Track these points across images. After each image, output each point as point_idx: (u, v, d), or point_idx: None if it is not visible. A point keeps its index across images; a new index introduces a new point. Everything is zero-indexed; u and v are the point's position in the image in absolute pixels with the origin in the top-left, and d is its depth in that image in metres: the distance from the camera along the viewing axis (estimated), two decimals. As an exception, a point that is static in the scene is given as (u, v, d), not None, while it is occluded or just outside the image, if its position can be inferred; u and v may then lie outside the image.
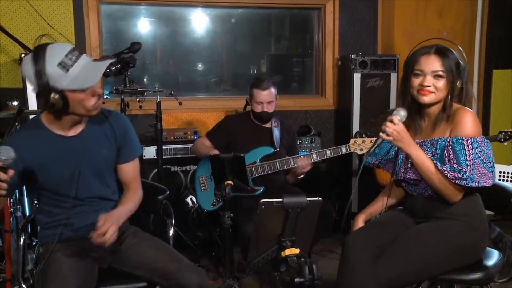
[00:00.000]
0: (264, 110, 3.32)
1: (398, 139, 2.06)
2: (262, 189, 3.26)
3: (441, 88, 2.10)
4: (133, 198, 2.23)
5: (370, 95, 4.15)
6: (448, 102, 2.12)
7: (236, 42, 4.71)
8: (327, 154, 3.29)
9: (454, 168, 2.02)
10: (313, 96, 4.74)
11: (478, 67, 4.86)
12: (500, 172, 3.09)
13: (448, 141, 2.07)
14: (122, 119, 2.27)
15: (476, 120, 2.08)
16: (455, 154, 2.04)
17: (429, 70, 2.10)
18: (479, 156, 2.02)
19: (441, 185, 2.06)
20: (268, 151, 3.34)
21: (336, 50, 4.55)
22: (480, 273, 2.11)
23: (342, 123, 4.43)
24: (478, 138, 2.04)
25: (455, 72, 2.10)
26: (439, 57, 2.10)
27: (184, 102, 3.68)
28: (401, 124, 2.07)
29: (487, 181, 2.04)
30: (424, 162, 2.07)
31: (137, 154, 2.30)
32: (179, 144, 3.84)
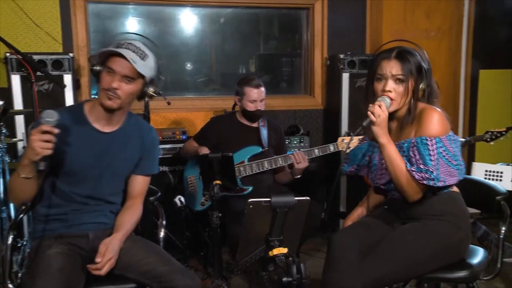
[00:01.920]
0: (258, 108, 3.33)
1: (381, 124, 2.07)
2: (251, 189, 3.27)
3: (401, 94, 2.11)
4: (133, 220, 2.23)
5: (359, 95, 4.17)
6: (412, 104, 2.14)
7: (225, 42, 4.71)
8: (315, 153, 3.31)
9: (420, 169, 2.04)
10: (301, 96, 4.76)
11: (465, 67, 4.90)
12: (486, 171, 3.12)
13: (413, 142, 2.09)
14: (154, 134, 2.33)
15: (442, 118, 2.07)
16: (420, 154, 2.05)
17: (390, 74, 2.11)
18: (443, 155, 2.04)
19: (409, 185, 2.08)
20: (256, 150, 3.35)
21: (324, 50, 4.57)
22: (466, 271, 2.14)
23: (331, 123, 4.45)
24: (442, 137, 2.05)
25: (416, 75, 2.11)
26: (399, 61, 2.10)
27: (172, 102, 3.67)
28: (387, 112, 2.09)
29: (453, 179, 2.07)
30: (395, 159, 2.09)
31: (153, 171, 2.35)
32: (167, 144, 3.85)
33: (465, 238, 2.17)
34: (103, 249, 2.02)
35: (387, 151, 2.09)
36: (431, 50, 4.71)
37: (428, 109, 2.10)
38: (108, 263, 2.00)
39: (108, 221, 2.23)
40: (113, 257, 2.02)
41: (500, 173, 3.07)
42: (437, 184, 2.03)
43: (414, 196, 2.10)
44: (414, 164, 2.07)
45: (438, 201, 2.15)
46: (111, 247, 2.04)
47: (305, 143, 4.21)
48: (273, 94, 4.59)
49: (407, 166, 2.07)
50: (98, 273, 1.99)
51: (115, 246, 2.06)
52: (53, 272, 1.92)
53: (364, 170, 2.41)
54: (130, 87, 2.09)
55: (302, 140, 4.21)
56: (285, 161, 3.29)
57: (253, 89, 3.32)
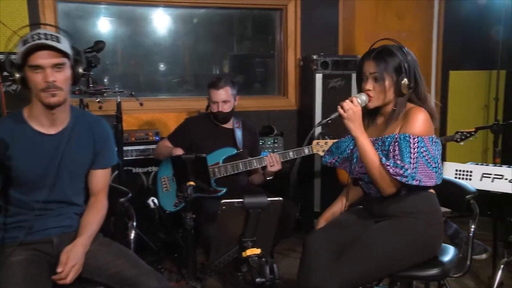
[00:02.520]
0: (219, 109, 3.32)
1: (351, 118, 2.11)
2: (225, 190, 3.27)
3: (379, 91, 2.18)
4: (97, 219, 2.19)
5: (332, 95, 4.21)
6: (398, 100, 2.18)
7: (198, 43, 4.69)
8: (290, 155, 3.33)
9: (396, 164, 2.07)
10: (275, 97, 4.78)
11: (436, 68, 4.98)
12: (456, 170, 3.17)
13: (396, 137, 2.13)
14: (104, 125, 2.28)
15: (427, 120, 2.13)
16: (400, 150, 2.09)
17: (368, 74, 2.19)
18: (424, 155, 2.08)
19: (381, 178, 2.12)
20: (231, 152, 3.34)
21: (298, 51, 4.59)
22: (437, 269, 2.18)
23: (305, 123, 4.47)
24: (425, 138, 2.10)
25: (393, 72, 2.16)
26: (375, 61, 2.17)
27: (145, 103, 3.65)
28: (359, 107, 2.13)
29: (430, 181, 2.10)
30: (368, 152, 2.13)
31: (112, 163, 2.30)
32: (140, 146, 3.82)
33: (437, 236, 2.21)
34: (64, 258, 1.98)
35: (360, 143, 2.13)
36: (403, 52, 4.79)
37: (416, 108, 2.17)
38: (72, 271, 1.96)
39: (72, 223, 2.18)
40: (77, 263, 1.98)
41: (469, 172, 3.12)
42: (410, 182, 2.06)
43: (387, 190, 2.14)
44: (390, 158, 2.10)
45: (413, 200, 2.18)
46: (73, 254, 2.00)
47: (279, 144, 4.22)
48: (247, 94, 4.59)
49: (382, 161, 2.10)
50: (63, 282, 1.95)
51: (77, 252, 2.01)
52: (18, 281, 1.88)
53: (344, 164, 2.43)
54: (64, 73, 2.04)
55: (276, 141, 4.22)
56: (259, 163, 3.30)
57: (213, 90, 3.31)
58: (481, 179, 3.08)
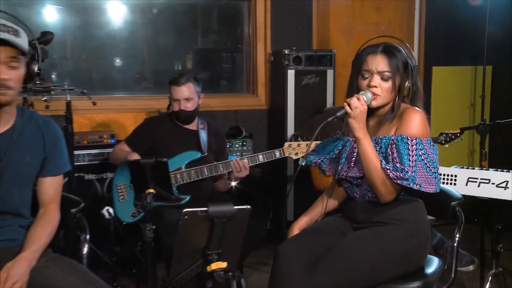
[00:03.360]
0: (181, 108, 3.31)
1: (357, 118, 2.12)
2: (189, 198, 3.26)
3: (387, 90, 2.19)
4: (46, 232, 2.15)
5: (306, 93, 4.24)
6: (396, 102, 2.21)
7: (159, 35, 4.67)
8: (260, 159, 3.33)
9: (396, 168, 2.11)
10: (243, 95, 4.79)
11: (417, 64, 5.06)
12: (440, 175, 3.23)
13: (393, 139, 2.16)
14: (54, 127, 2.24)
15: (425, 121, 2.17)
16: (398, 153, 2.12)
17: (376, 70, 2.19)
18: (422, 158, 2.12)
19: (382, 183, 2.14)
20: (195, 156, 3.34)
21: (268, 45, 4.61)
22: (419, 282, 2.20)
23: (276, 124, 4.49)
24: (423, 140, 2.13)
25: (403, 72, 2.19)
26: (385, 56, 2.18)
27: (99, 102, 3.61)
28: (366, 106, 2.15)
29: (430, 187, 2.13)
30: (371, 155, 2.14)
31: (63, 169, 2.27)
32: (93, 149, 3.79)
33: (422, 247, 2.24)
34: (3, 276, 1.93)
35: (362, 146, 2.15)
36: (382, 46, 4.85)
37: (412, 109, 2.20)
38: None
39: (17, 237, 2.14)
40: (18, 280, 1.93)
41: (454, 176, 3.18)
42: (411, 185, 2.09)
43: (387, 196, 2.17)
44: (390, 162, 2.13)
45: (401, 208, 2.22)
46: (14, 271, 1.94)
47: (248, 147, 4.23)
48: (212, 93, 4.59)
49: (382, 164, 2.12)
50: None
51: (20, 268, 1.96)
52: None
53: (330, 165, 2.45)
54: (19, 72, 2.01)
55: (245, 143, 4.23)
56: (226, 168, 3.29)
57: (175, 86, 3.32)
58: (466, 183, 3.14)
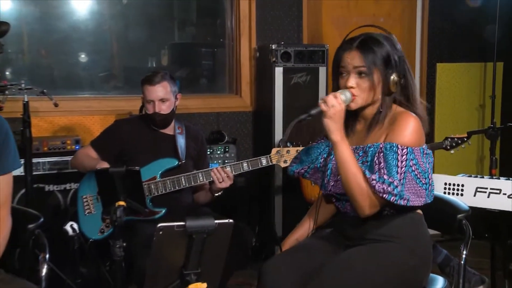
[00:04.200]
0: (156, 110, 3.31)
1: (333, 117, 2.12)
2: (164, 211, 3.25)
3: (366, 88, 2.19)
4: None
5: (295, 93, 4.25)
6: (386, 100, 2.22)
7: (130, 28, 4.66)
8: (244, 168, 3.33)
9: (383, 179, 2.09)
10: (226, 95, 4.79)
11: (420, 60, 5.11)
12: (446, 184, 3.24)
13: (381, 147, 2.15)
14: (3, 121, 2.24)
15: (419, 128, 2.17)
16: (386, 162, 2.11)
17: (351, 67, 2.20)
18: (413, 169, 2.11)
19: (361, 195, 2.13)
20: (171, 164, 3.33)
21: (253, 39, 4.63)
22: (422, 304, 2.22)
23: (262, 128, 4.50)
24: (415, 149, 2.13)
25: (382, 66, 2.19)
26: (360, 51, 2.19)
27: (61, 103, 3.60)
28: (344, 106, 2.15)
29: (418, 199, 2.14)
30: (348, 162, 2.14)
31: (13, 167, 2.26)
32: (55, 157, 3.76)
33: (423, 265, 2.25)
34: None
35: (339, 151, 2.15)
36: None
37: (406, 113, 2.19)
38: None
39: None
40: None
41: (461, 186, 3.20)
42: (399, 202, 2.08)
43: (368, 210, 2.15)
44: (376, 172, 2.12)
45: (397, 222, 2.22)
46: None
47: (231, 153, 4.23)
48: (191, 93, 4.59)
49: (366, 174, 2.11)
50: None
51: None
52: None
53: (315, 175, 2.45)
54: None
55: (227, 150, 4.23)
56: (206, 177, 3.29)
57: (148, 86, 3.30)
58: (475, 194, 3.16)
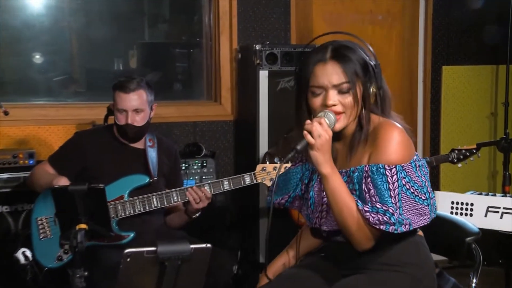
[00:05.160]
0: (129, 122, 3.31)
1: (321, 148, 2.09)
2: (132, 236, 3.25)
3: (350, 105, 2.16)
4: None
5: (283, 100, 4.24)
6: (366, 115, 2.19)
7: (92, 25, 4.65)
8: (225, 186, 3.33)
9: (377, 209, 2.08)
10: (203, 102, 4.81)
11: (424, 62, 5.15)
12: (453, 203, 3.26)
13: (367, 170, 2.14)
14: None
15: (404, 139, 2.15)
16: (376, 188, 2.10)
17: (330, 84, 2.15)
18: (407, 188, 2.10)
19: (359, 230, 2.12)
20: (141, 181, 3.34)
21: (234, 39, 4.64)
22: None
23: (245, 139, 4.51)
24: (405, 165, 2.12)
25: (363, 76, 2.17)
26: (338, 62, 2.15)
27: (12, 111, 3.59)
28: (330, 132, 2.11)
29: (422, 218, 2.13)
30: (342, 195, 2.12)
31: None
32: (5, 173, 3.74)
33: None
34: None
35: (331, 184, 2.12)
36: (378, 39, 4.92)
37: (386, 125, 2.17)
38: None
39: None
40: None
41: (470, 205, 3.23)
42: (399, 230, 2.07)
43: (365, 244, 2.16)
44: (368, 202, 2.11)
45: (396, 248, 2.22)
46: None
47: (209, 168, 4.22)
48: (163, 99, 4.58)
49: (358, 205, 2.11)
50: None
51: None
52: None
53: (299, 203, 2.45)
54: None
55: (205, 164, 4.23)
56: (181, 197, 3.29)
57: (121, 93, 3.29)
58: (486, 214, 3.19)
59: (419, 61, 5.15)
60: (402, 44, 5.07)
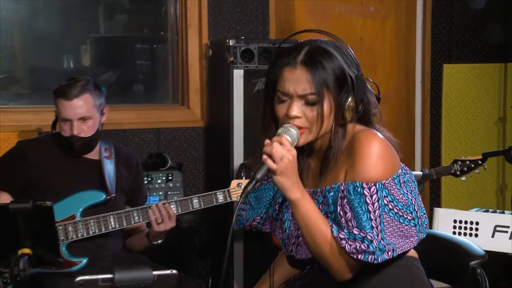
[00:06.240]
0: (74, 133, 3.29)
1: (285, 172, 2.06)
2: (85, 262, 3.24)
3: (314, 119, 2.13)
4: None
5: (260, 103, 4.23)
6: (338, 132, 2.17)
7: (38, 16, 4.65)
8: (194, 205, 3.33)
9: (354, 236, 2.08)
10: (169, 106, 4.83)
11: (422, 60, 5.20)
12: (455, 222, 3.29)
13: (343, 190, 2.14)
14: None
15: (385, 151, 2.14)
16: (353, 211, 2.09)
17: (295, 93, 2.12)
18: (390, 208, 2.10)
19: (335, 260, 2.12)
20: (97, 198, 3.33)
21: (204, 33, 4.66)
22: None
23: (217, 149, 4.53)
24: (386, 182, 2.11)
25: (335, 87, 2.13)
26: (308, 69, 2.12)
27: None
28: (294, 151, 2.09)
29: (408, 241, 2.13)
30: (314, 222, 2.12)
31: None
32: None
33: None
34: None
35: (300, 211, 2.11)
36: (369, 34, 4.94)
37: (363, 135, 2.16)
38: None
39: None
40: None
41: (475, 224, 3.26)
42: (381, 258, 2.08)
43: (345, 275, 2.16)
44: (344, 227, 2.11)
45: (386, 273, 2.22)
46: None
47: (176, 183, 4.23)
48: (122, 103, 4.58)
49: (333, 231, 2.10)
50: None
51: None
52: None
53: (273, 225, 2.46)
54: None
55: (171, 178, 4.23)
56: (143, 217, 3.29)
57: (63, 101, 3.26)
58: (493, 235, 3.22)
59: (417, 58, 5.19)
60: (398, 39, 5.11)
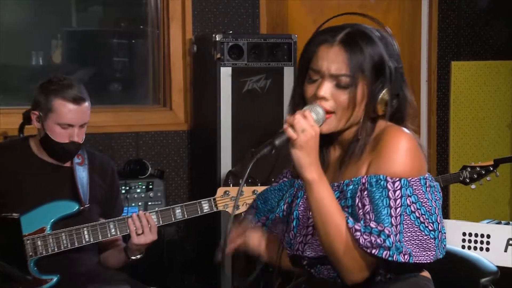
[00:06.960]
0: (75, 140, 3.30)
1: (305, 147, 2.08)
2: (56, 279, 3.24)
3: (344, 104, 2.16)
4: None
5: (250, 105, 4.27)
6: (366, 126, 2.20)
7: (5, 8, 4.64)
8: (177, 215, 3.33)
9: (370, 229, 2.08)
10: (149, 107, 4.85)
11: (428, 58, 5.22)
12: (464, 235, 3.30)
13: (364, 182, 2.14)
14: None
15: (414, 149, 2.15)
16: (372, 204, 2.09)
17: (327, 72, 2.15)
18: (412, 210, 2.09)
19: (345, 253, 2.11)
20: (69, 209, 3.33)
21: (188, 27, 4.67)
22: None
23: (203, 155, 4.54)
24: (412, 180, 2.12)
25: (372, 75, 2.16)
26: (345, 49, 2.14)
27: None
28: (317, 128, 2.11)
29: (426, 254, 2.11)
30: (329, 208, 2.12)
31: None
32: None
33: None
34: None
35: (315, 194, 2.11)
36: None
37: (392, 129, 2.18)
38: None
39: None
40: None
41: (486, 237, 3.26)
42: (396, 257, 2.07)
43: (356, 274, 2.14)
44: (361, 219, 2.10)
45: None
46: None
47: (157, 192, 4.23)
48: (98, 104, 4.57)
49: (349, 223, 2.10)
50: None
51: None
52: None
53: (279, 227, 2.46)
54: None
55: (151, 187, 4.23)
56: (120, 229, 3.28)
57: (69, 105, 3.27)
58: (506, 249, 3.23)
59: (422, 55, 5.21)
60: (401, 34, 5.12)
